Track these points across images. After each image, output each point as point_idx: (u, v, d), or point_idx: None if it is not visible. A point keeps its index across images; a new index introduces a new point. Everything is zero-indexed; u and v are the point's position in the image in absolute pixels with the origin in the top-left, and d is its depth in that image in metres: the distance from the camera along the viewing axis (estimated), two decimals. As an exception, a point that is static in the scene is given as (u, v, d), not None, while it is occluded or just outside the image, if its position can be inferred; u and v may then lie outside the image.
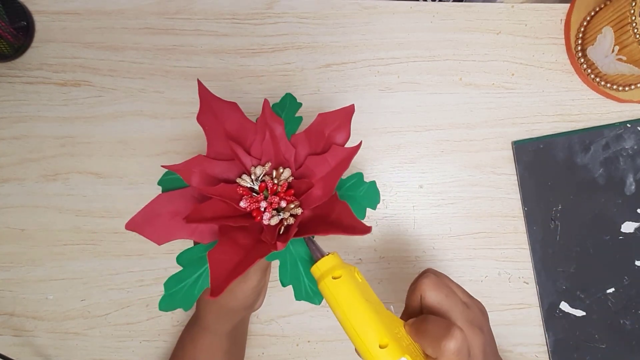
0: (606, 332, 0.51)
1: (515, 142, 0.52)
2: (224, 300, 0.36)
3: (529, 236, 0.51)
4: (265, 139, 0.35)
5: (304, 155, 0.36)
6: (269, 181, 0.34)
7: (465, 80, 0.53)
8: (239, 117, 0.35)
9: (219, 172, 0.34)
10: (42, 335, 0.48)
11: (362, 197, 0.39)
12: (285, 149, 0.35)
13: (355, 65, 0.52)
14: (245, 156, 0.35)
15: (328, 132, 0.36)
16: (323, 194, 0.34)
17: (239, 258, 0.30)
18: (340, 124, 0.36)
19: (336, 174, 0.34)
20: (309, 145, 0.36)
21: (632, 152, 0.52)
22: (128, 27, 0.51)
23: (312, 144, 0.36)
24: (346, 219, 0.31)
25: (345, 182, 0.39)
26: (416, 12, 0.53)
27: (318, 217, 0.33)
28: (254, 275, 0.35)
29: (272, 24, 0.52)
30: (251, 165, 0.35)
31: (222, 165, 0.34)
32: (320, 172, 0.35)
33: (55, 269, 0.49)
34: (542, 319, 0.51)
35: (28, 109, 0.50)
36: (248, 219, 0.33)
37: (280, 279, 0.34)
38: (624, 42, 0.46)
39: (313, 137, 0.36)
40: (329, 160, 0.35)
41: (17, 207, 0.49)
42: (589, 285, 0.51)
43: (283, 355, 0.49)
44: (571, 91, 0.53)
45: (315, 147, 0.36)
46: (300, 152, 0.36)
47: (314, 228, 0.32)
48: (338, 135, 0.36)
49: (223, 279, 0.28)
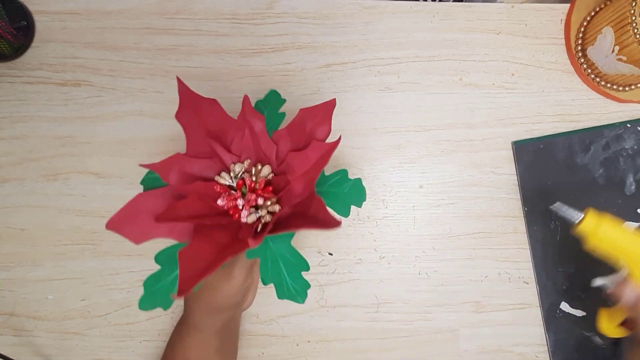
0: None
1: (515, 142, 0.52)
2: (210, 299, 0.36)
3: (529, 236, 0.51)
4: (245, 136, 0.34)
5: (286, 151, 0.35)
6: (248, 178, 0.34)
7: (465, 80, 0.53)
8: (219, 113, 0.35)
9: (198, 170, 0.34)
10: (42, 335, 0.48)
11: (347, 194, 0.39)
12: (266, 146, 0.35)
13: (355, 65, 0.52)
14: (224, 153, 0.34)
15: (309, 127, 0.35)
16: (303, 190, 0.33)
17: (212, 256, 0.29)
18: (321, 119, 0.35)
19: (316, 170, 0.33)
20: (290, 141, 0.35)
21: (632, 152, 0.52)
22: (128, 27, 0.51)
23: (294, 140, 0.35)
24: (321, 213, 0.31)
25: (329, 178, 0.39)
26: (416, 12, 0.53)
27: (297, 214, 0.33)
28: (238, 274, 0.35)
29: (272, 24, 0.52)
30: (231, 163, 0.34)
31: (201, 163, 0.34)
32: (300, 168, 0.34)
33: (55, 269, 0.49)
34: (543, 319, 0.51)
35: (28, 109, 0.50)
36: (226, 217, 0.32)
37: (262, 277, 0.34)
38: (624, 42, 0.46)
39: (295, 132, 0.35)
40: (309, 155, 0.34)
41: (17, 207, 0.49)
42: (589, 285, 0.51)
43: (283, 355, 0.49)
44: (571, 91, 0.53)
45: (297, 142, 0.35)
46: (282, 149, 0.35)
47: (290, 224, 0.32)
48: (319, 130, 0.35)
49: (191, 278, 0.27)
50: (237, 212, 0.33)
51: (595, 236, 0.35)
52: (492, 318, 0.51)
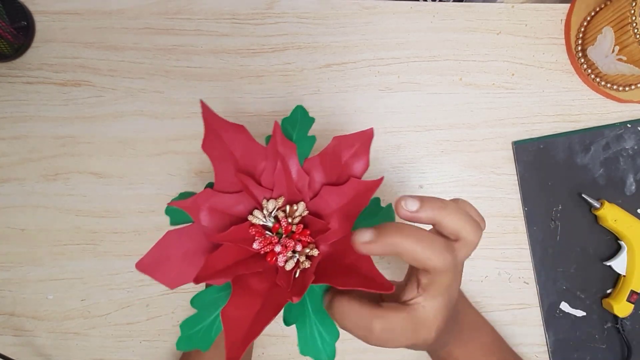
0: (606, 332, 0.51)
1: (515, 142, 0.52)
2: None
3: (529, 236, 0.51)
4: (277, 170, 0.32)
5: (319, 183, 0.33)
6: (283, 219, 0.32)
7: (465, 80, 0.53)
8: (246, 141, 0.32)
9: (228, 205, 0.32)
10: (42, 335, 0.48)
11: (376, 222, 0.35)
12: (299, 178, 0.32)
13: (355, 65, 0.52)
14: (256, 188, 0.32)
15: (345, 159, 0.32)
16: (340, 228, 0.31)
17: (255, 310, 0.27)
18: (357, 150, 0.32)
19: (355, 210, 0.31)
20: (323, 172, 0.33)
21: (633, 153, 0.52)
22: (128, 27, 0.51)
23: (327, 171, 0.33)
24: (364, 265, 0.28)
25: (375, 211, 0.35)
26: (416, 12, 0.53)
27: (333, 257, 0.31)
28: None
29: (272, 24, 0.52)
30: (263, 198, 0.32)
31: (231, 198, 0.32)
32: (335, 203, 0.32)
33: (55, 269, 0.49)
34: (543, 319, 0.51)
35: (28, 109, 0.50)
36: (261, 261, 0.31)
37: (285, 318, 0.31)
38: (624, 42, 0.46)
39: (328, 162, 0.33)
40: (346, 192, 0.32)
41: (17, 207, 0.49)
42: (589, 285, 0.51)
43: (283, 355, 0.49)
44: (571, 91, 0.53)
45: (330, 174, 0.33)
46: (315, 179, 0.33)
47: (330, 274, 0.29)
48: (356, 163, 0.32)
49: (239, 344, 0.25)
50: (274, 255, 0.31)
51: (607, 218, 0.49)
52: (492, 318, 0.51)
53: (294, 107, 0.35)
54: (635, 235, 0.49)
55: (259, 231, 0.31)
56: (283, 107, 0.52)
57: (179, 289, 0.49)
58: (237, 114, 0.51)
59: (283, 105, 0.52)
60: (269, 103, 0.51)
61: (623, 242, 0.50)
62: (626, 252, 0.49)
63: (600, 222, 0.51)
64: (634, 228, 0.49)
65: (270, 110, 0.51)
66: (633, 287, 0.49)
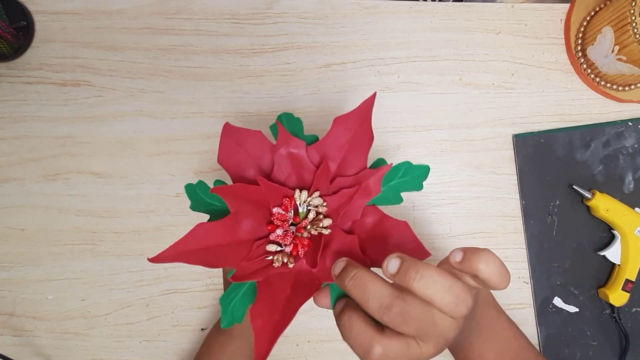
0: (598, 329, 0.51)
1: (515, 135, 0.52)
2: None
3: (525, 229, 0.51)
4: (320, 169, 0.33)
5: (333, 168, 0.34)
6: (305, 221, 0.33)
7: (465, 80, 0.53)
8: (262, 143, 0.33)
9: (262, 197, 0.32)
10: (42, 335, 0.48)
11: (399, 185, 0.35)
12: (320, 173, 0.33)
13: (355, 65, 0.52)
14: (277, 188, 0.33)
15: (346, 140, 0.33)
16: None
17: (281, 306, 0.28)
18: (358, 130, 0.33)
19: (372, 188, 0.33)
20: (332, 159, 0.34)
21: (632, 151, 0.52)
22: (128, 27, 0.51)
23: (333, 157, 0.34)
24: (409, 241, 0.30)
25: (394, 174, 0.35)
26: (416, 12, 0.53)
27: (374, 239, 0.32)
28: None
29: (272, 24, 0.52)
30: (295, 190, 0.33)
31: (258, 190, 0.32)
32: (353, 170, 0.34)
33: (55, 269, 0.49)
34: (535, 313, 0.51)
35: (28, 109, 0.50)
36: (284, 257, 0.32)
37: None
38: (624, 42, 0.46)
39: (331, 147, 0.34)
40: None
41: (17, 207, 0.49)
42: (583, 281, 0.51)
43: (283, 355, 0.49)
44: (571, 91, 0.53)
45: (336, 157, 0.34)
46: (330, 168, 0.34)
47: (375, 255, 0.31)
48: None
49: (266, 344, 0.26)
50: (274, 229, 0.32)
51: (599, 208, 0.49)
52: (492, 318, 0.51)
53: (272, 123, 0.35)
54: (627, 223, 0.49)
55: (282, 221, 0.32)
56: (283, 107, 0.52)
57: (179, 289, 0.49)
58: (237, 114, 0.51)
59: (283, 105, 0.52)
60: (269, 103, 0.51)
61: (616, 231, 0.50)
62: (620, 241, 0.50)
63: (592, 212, 0.51)
64: (627, 217, 0.49)
65: (270, 110, 0.51)
66: (628, 275, 0.49)
